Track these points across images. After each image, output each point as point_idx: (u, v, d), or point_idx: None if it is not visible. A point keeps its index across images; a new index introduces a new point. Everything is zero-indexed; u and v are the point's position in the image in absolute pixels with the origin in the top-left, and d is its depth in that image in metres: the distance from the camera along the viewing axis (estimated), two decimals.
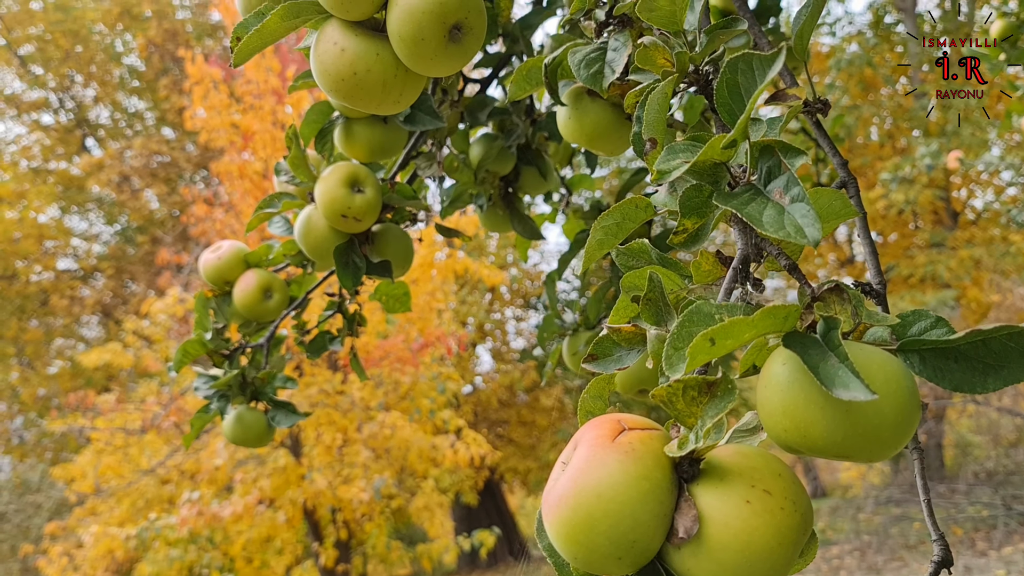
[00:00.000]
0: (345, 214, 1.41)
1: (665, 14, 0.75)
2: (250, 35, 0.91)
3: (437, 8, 0.84)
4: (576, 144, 1.16)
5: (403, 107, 0.95)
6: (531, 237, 1.83)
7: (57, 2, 13.63)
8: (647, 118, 0.74)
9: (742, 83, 0.64)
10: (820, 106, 0.89)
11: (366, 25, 0.90)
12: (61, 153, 14.44)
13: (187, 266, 8.54)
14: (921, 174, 9.11)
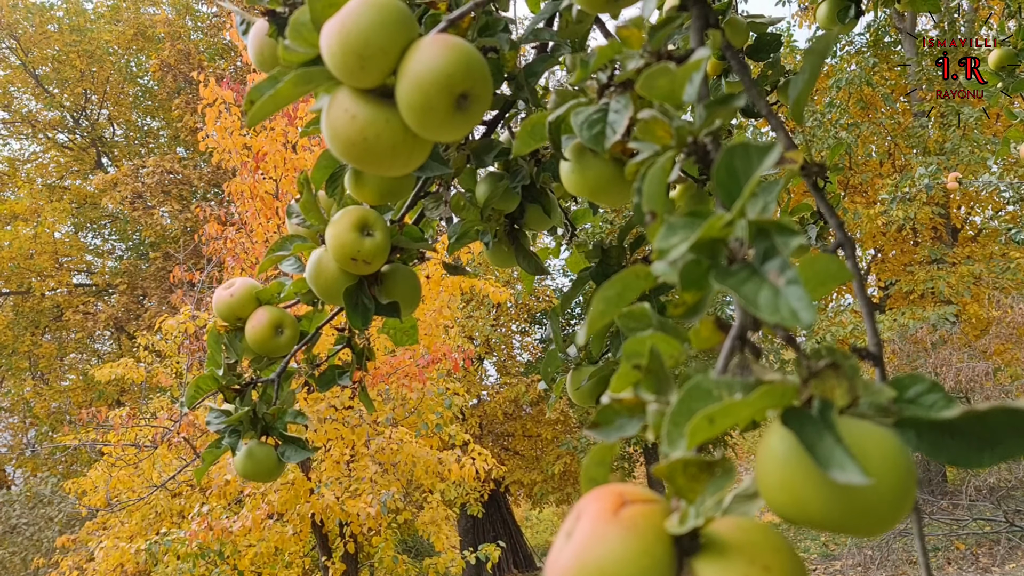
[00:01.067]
0: (355, 257, 1.44)
1: (664, 91, 0.78)
2: (264, 100, 0.94)
3: (444, 79, 0.86)
4: (579, 196, 1.19)
5: (412, 168, 0.98)
6: (535, 273, 1.86)
7: (73, 24, 13.82)
8: (647, 191, 0.76)
9: (739, 167, 0.66)
10: (817, 169, 0.91)
11: (376, 92, 0.93)
12: (76, 171, 14.61)
13: (199, 283, 8.60)
14: (921, 192, 9.13)
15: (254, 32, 1.37)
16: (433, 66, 0.86)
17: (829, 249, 0.91)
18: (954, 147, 10.32)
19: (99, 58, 14.17)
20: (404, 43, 0.89)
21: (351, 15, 0.87)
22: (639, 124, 0.81)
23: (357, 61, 0.87)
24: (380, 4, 0.88)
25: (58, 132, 14.78)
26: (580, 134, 0.99)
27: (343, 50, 0.87)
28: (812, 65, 0.88)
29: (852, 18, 2.24)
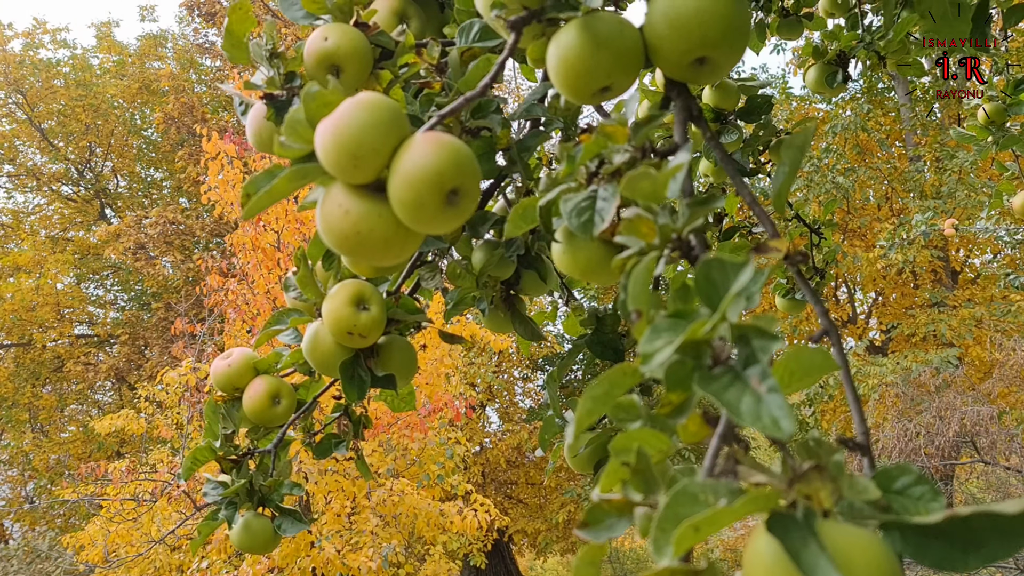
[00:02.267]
0: (351, 332, 1.46)
1: (647, 192, 0.80)
2: (260, 195, 0.97)
3: (435, 177, 0.89)
4: (571, 276, 1.21)
5: (405, 258, 1.00)
6: (532, 339, 1.87)
7: (79, 79, 14.07)
8: (632, 290, 0.78)
9: (717, 279, 0.68)
10: (800, 258, 0.93)
11: (369, 187, 0.95)
12: (80, 222, 14.73)
13: (201, 335, 8.61)
14: (918, 237, 9.21)
15: (252, 115, 1.41)
16: (423, 164, 0.89)
17: (814, 338, 0.93)
18: (950, 191, 10.42)
19: (104, 112, 14.39)
20: (396, 142, 0.92)
21: (344, 116, 0.90)
22: (624, 222, 0.84)
23: (351, 160, 0.90)
24: (372, 105, 0.91)
25: (62, 184, 14.94)
26: (569, 221, 1.01)
27: (337, 150, 0.90)
28: (792, 159, 0.90)
29: (840, 83, 2.28)
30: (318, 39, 1.35)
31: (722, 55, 0.97)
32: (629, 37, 0.98)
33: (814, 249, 2.86)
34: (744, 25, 0.96)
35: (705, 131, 1.03)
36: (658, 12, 0.97)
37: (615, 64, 0.98)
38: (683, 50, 0.96)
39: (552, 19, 1.04)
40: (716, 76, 1.01)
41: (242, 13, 1.28)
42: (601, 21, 0.98)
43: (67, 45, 14.38)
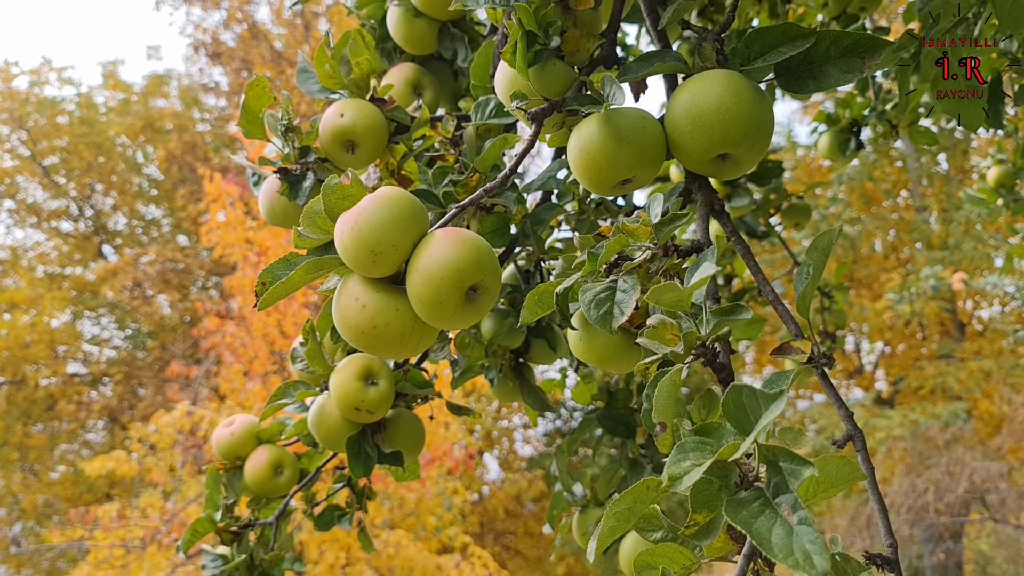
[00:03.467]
0: (359, 407, 1.43)
1: (672, 302, 0.79)
2: (276, 287, 0.95)
3: (455, 275, 0.87)
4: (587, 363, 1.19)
5: (420, 352, 0.98)
6: (541, 409, 1.84)
7: (83, 116, 14.17)
8: (657, 403, 0.76)
9: (748, 405, 0.67)
10: (825, 361, 0.92)
11: (386, 280, 0.94)
12: (78, 259, 14.72)
13: (197, 379, 8.54)
14: (927, 291, 9.22)
15: (265, 188, 1.40)
16: (443, 262, 0.87)
17: (839, 442, 0.91)
18: (957, 243, 10.45)
19: (107, 149, 14.48)
20: (416, 238, 0.91)
21: (364, 212, 0.89)
22: (648, 329, 0.82)
23: (369, 256, 0.89)
24: (393, 201, 0.90)
25: (62, 220, 14.96)
26: (588, 313, 0.99)
27: (356, 246, 0.89)
28: (817, 261, 0.89)
29: (853, 151, 2.29)
30: (334, 115, 1.35)
31: (744, 152, 0.96)
32: (651, 132, 0.98)
33: (825, 313, 2.85)
34: (767, 123, 0.96)
35: (727, 226, 1.02)
36: (680, 109, 0.96)
37: (637, 159, 0.98)
38: (705, 147, 0.96)
39: (573, 110, 1.04)
40: (738, 172, 1.00)
41: (259, 90, 1.28)
42: (623, 116, 0.98)
43: (72, 83, 14.52)
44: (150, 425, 9.13)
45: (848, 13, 2.19)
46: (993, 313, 12.52)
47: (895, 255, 12.73)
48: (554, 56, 1.05)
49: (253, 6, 13.63)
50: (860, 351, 13.54)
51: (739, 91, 0.94)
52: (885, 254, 12.64)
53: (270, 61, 13.32)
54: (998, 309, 12.07)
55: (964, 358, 11.37)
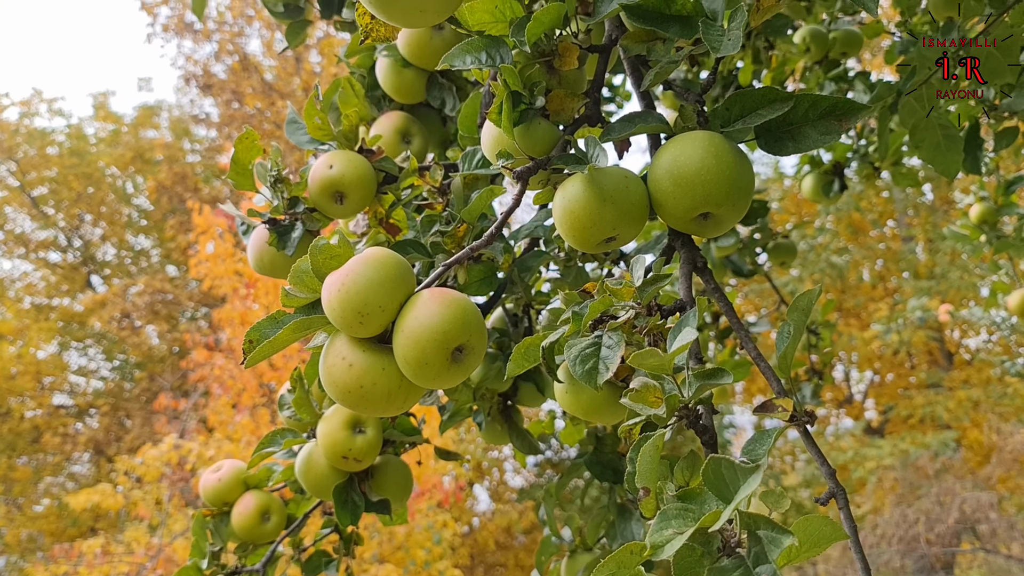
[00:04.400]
0: (346, 456, 1.43)
1: (655, 366, 0.80)
2: (263, 345, 0.96)
3: (441, 336, 0.88)
4: (573, 415, 1.19)
5: (407, 409, 0.99)
6: (529, 452, 1.84)
7: (73, 147, 14.18)
8: (640, 468, 0.77)
9: (727, 476, 0.68)
10: (807, 418, 0.93)
11: (373, 339, 0.94)
12: (65, 290, 14.65)
13: (185, 412, 8.48)
14: (914, 322, 9.28)
15: (254, 238, 1.41)
16: (430, 324, 0.88)
17: (822, 500, 0.91)
18: (943, 272, 10.55)
19: (96, 180, 14.48)
20: (402, 298, 0.92)
21: (351, 274, 0.90)
22: (630, 394, 0.83)
23: (356, 318, 0.90)
24: (380, 262, 0.91)
25: (50, 251, 14.91)
26: (573, 369, 1.00)
27: (343, 307, 0.89)
28: (797, 322, 0.90)
29: (837, 192, 2.33)
30: (323, 166, 1.37)
31: (726, 212, 0.98)
32: (634, 191, 1.00)
33: (812, 350, 2.87)
34: (747, 184, 0.98)
35: (709, 282, 1.03)
36: (662, 169, 0.98)
37: (621, 218, 0.99)
38: (687, 206, 0.97)
39: (557, 168, 1.06)
40: (720, 230, 1.02)
41: (248, 143, 1.30)
42: (606, 175, 0.99)
43: (63, 114, 14.55)
44: (137, 458, 9.04)
45: (830, 58, 2.24)
46: (980, 342, 12.60)
47: (883, 284, 12.83)
48: (539, 115, 1.07)
49: (244, 39, 13.73)
50: (849, 380, 13.58)
51: (719, 153, 0.96)
52: (873, 283, 12.73)
53: (261, 93, 13.40)
54: (985, 337, 12.16)
55: (952, 387, 11.42)
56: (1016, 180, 3.01)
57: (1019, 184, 2.98)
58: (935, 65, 1.49)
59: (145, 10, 13.18)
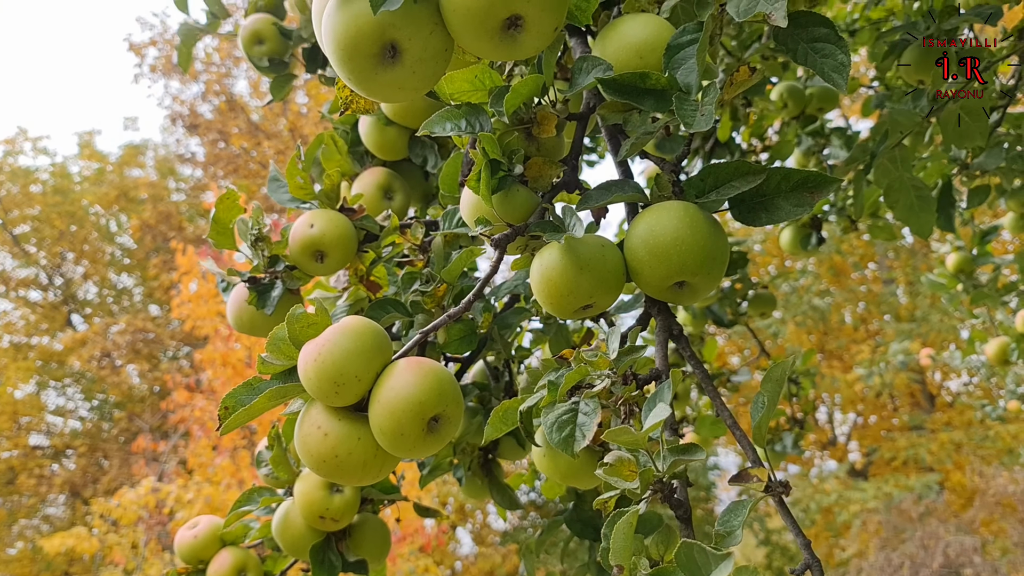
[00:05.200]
0: (323, 515, 1.42)
1: (629, 442, 0.80)
2: (239, 413, 0.96)
3: (416, 407, 0.89)
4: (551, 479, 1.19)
5: (382, 478, 0.99)
6: (509, 507, 1.83)
7: (57, 185, 14.15)
8: (614, 545, 0.77)
9: (699, 560, 0.68)
10: (782, 488, 0.93)
11: (349, 408, 0.94)
12: (45, 328, 14.49)
13: (164, 454, 8.36)
14: (896, 366, 9.36)
15: (234, 296, 1.41)
16: (405, 395, 0.89)
17: (797, 572, 0.91)
18: (924, 315, 10.66)
19: (79, 218, 14.43)
20: (378, 368, 0.92)
21: (328, 344, 0.90)
22: (605, 469, 0.83)
23: (332, 387, 0.90)
24: (356, 332, 0.91)
25: (31, 290, 14.78)
26: (550, 436, 1.00)
27: (319, 377, 0.89)
28: (771, 393, 0.91)
29: (815, 245, 2.35)
30: (304, 226, 1.38)
31: (700, 281, 0.99)
32: (610, 260, 1.01)
33: (793, 399, 2.88)
34: (722, 254, 0.99)
35: (685, 350, 1.04)
36: (638, 239, 0.99)
37: (597, 286, 1.00)
38: (663, 276, 0.99)
39: (536, 235, 1.07)
40: (695, 298, 1.03)
41: (229, 203, 1.30)
42: (583, 244, 1.00)
43: (47, 153, 14.53)
44: (113, 500, 8.88)
45: (807, 113, 2.28)
46: (961, 385, 12.68)
47: (864, 327, 12.94)
48: (517, 182, 1.08)
49: (231, 80, 13.83)
50: (833, 422, 13.61)
51: (694, 223, 0.97)
52: (855, 326, 12.84)
53: (247, 133, 13.46)
54: (966, 380, 12.24)
55: (935, 429, 11.48)
56: (990, 231, 3.06)
57: (993, 235, 3.03)
58: (917, 123, 1.52)
59: (133, 51, 13.27)
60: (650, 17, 1.06)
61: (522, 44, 0.83)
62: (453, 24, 0.82)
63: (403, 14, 0.80)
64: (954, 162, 1.85)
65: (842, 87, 0.98)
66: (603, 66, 1.00)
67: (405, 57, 0.83)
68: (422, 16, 0.82)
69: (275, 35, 2.01)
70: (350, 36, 0.81)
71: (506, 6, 0.79)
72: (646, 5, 1.09)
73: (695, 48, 0.99)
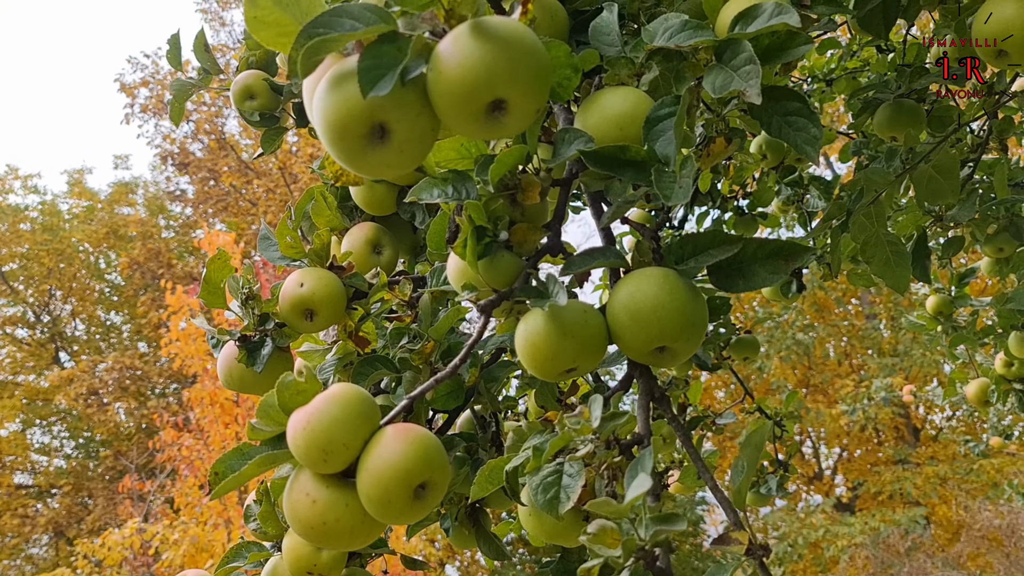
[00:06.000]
0: (311, 571, 1.42)
1: (611, 513, 0.82)
2: (229, 479, 0.97)
3: (403, 475, 0.90)
4: (536, 539, 1.21)
5: (370, 543, 1.00)
6: (496, 557, 1.83)
7: (46, 223, 14.16)
8: None
9: None
10: (762, 552, 0.95)
11: (337, 475, 0.96)
12: (31, 366, 14.39)
13: (151, 493, 8.28)
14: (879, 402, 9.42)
15: (224, 354, 1.43)
16: (393, 463, 0.91)
17: None
18: (906, 349, 10.76)
19: (68, 256, 14.42)
20: (366, 435, 0.94)
21: (316, 412, 0.92)
22: (588, 537, 0.85)
23: (321, 455, 0.92)
24: (344, 400, 0.93)
25: (18, 327, 14.70)
26: (535, 498, 1.02)
27: (307, 445, 0.91)
28: (750, 458, 0.93)
29: (795, 292, 2.39)
30: (294, 285, 1.40)
31: (681, 346, 1.02)
32: (593, 325, 1.04)
33: (777, 442, 2.90)
34: (701, 319, 1.02)
35: (667, 412, 1.07)
36: (619, 304, 1.02)
37: (580, 351, 1.03)
38: (644, 341, 1.01)
39: (520, 300, 1.09)
40: (676, 362, 1.06)
41: (220, 263, 1.33)
42: (566, 310, 1.03)
43: (37, 191, 14.58)
44: (98, 541, 8.76)
45: (786, 164, 2.33)
46: (945, 418, 12.74)
47: (848, 361, 13.02)
48: (503, 248, 1.11)
49: (222, 119, 13.94)
50: (818, 456, 13.62)
51: (674, 290, 1.00)
52: (838, 360, 12.92)
53: (237, 171, 13.53)
54: (949, 413, 12.30)
55: (920, 463, 11.52)
56: (968, 273, 3.11)
57: (971, 277, 3.08)
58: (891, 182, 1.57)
59: (124, 91, 13.37)
60: (629, 90, 1.10)
61: (506, 126, 0.87)
62: (439, 107, 0.85)
63: (392, 97, 0.84)
64: (928, 214, 1.90)
65: (815, 159, 1.02)
66: (584, 138, 1.04)
67: (394, 137, 0.86)
68: (410, 99, 0.85)
69: (266, 90, 2.05)
70: (340, 118, 0.85)
71: (490, 91, 0.82)
72: (625, 78, 1.13)
73: (673, 121, 1.03)
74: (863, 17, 1.36)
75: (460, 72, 0.81)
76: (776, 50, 1.02)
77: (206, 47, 2.12)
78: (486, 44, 0.81)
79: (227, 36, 14.86)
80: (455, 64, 0.81)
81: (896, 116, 1.63)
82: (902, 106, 1.65)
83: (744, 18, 1.01)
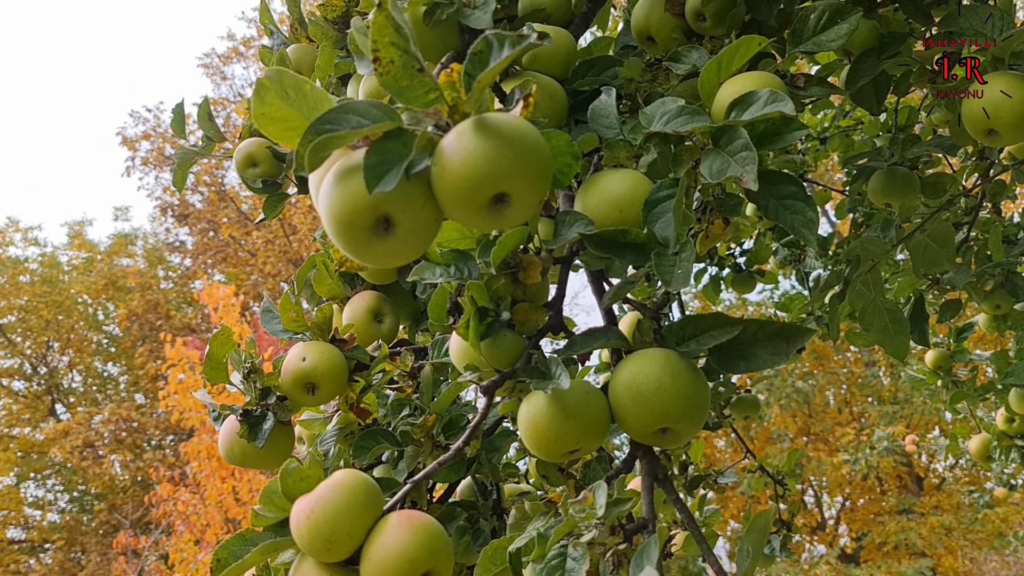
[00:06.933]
0: None
1: None
2: (231, 567, 0.97)
3: (407, 565, 0.90)
4: None
5: None
6: None
7: (46, 275, 14.18)
8: None
9: None
10: None
11: (340, 563, 0.96)
12: (27, 418, 14.28)
13: (146, 550, 8.16)
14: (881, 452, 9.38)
15: (225, 429, 1.43)
16: (397, 552, 0.90)
17: None
18: (907, 397, 10.72)
19: (67, 308, 14.42)
20: (370, 523, 0.94)
21: (320, 501, 0.92)
22: None
23: (324, 544, 0.91)
24: (348, 488, 0.93)
25: (14, 380, 14.63)
26: None
27: (311, 535, 0.91)
28: (755, 543, 0.93)
29: (795, 352, 2.40)
30: (296, 359, 1.41)
31: (683, 427, 1.03)
32: (596, 407, 1.04)
33: (779, 500, 2.88)
34: (703, 401, 1.03)
35: (671, 493, 1.06)
36: (621, 386, 1.03)
37: (583, 433, 1.03)
38: (647, 422, 1.02)
39: (523, 380, 1.10)
40: (679, 442, 1.06)
41: (223, 339, 1.34)
42: (569, 391, 1.04)
43: (37, 243, 14.64)
44: None
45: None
46: (948, 467, 12.63)
47: (848, 409, 12.96)
48: (505, 327, 1.12)
49: (222, 171, 14.08)
50: (821, 505, 13.47)
51: (675, 371, 1.01)
52: (838, 408, 12.87)
53: (236, 223, 13.61)
54: (952, 462, 12.20)
55: (924, 512, 11.39)
56: (966, 328, 3.12)
57: (969, 332, 3.09)
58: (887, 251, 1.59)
59: (126, 144, 13.52)
60: (628, 172, 1.13)
61: (508, 217, 0.88)
62: (443, 200, 0.87)
63: (396, 191, 0.85)
64: (925, 278, 1.92)
65: (812, 242, 1.03)
66: (584, 221, 1.06)
67: (398, 229, 0.88)
68: (414, 192, 0.87)
69: (269, 158, 2.08)
70: (346, 212, 0.86)
71: (493, 186, 0.84)
72: (624, 160, 1.15)
73: (672, 203, 1.05)
74: (855, 93, 1.39)
75: (464, 168, 0.83)
76: (771, 135, 1.05)
77: (210, 116, 2.16)
78: (489, 140, 0.83)
79: (228, 90, 15.10)
80: (459, 160, 0.83)
81: (890, 184, 1.66)
82: (895, 174, 1.67)
83: (740, 104, 1.04)
